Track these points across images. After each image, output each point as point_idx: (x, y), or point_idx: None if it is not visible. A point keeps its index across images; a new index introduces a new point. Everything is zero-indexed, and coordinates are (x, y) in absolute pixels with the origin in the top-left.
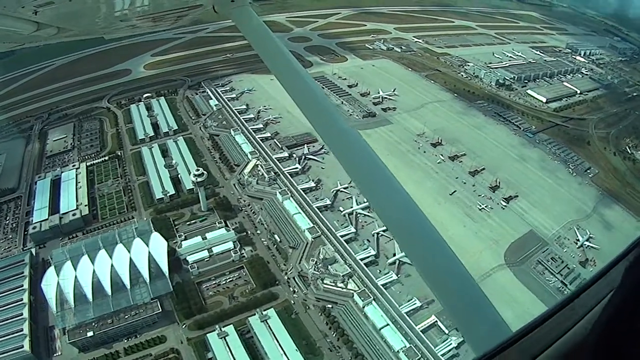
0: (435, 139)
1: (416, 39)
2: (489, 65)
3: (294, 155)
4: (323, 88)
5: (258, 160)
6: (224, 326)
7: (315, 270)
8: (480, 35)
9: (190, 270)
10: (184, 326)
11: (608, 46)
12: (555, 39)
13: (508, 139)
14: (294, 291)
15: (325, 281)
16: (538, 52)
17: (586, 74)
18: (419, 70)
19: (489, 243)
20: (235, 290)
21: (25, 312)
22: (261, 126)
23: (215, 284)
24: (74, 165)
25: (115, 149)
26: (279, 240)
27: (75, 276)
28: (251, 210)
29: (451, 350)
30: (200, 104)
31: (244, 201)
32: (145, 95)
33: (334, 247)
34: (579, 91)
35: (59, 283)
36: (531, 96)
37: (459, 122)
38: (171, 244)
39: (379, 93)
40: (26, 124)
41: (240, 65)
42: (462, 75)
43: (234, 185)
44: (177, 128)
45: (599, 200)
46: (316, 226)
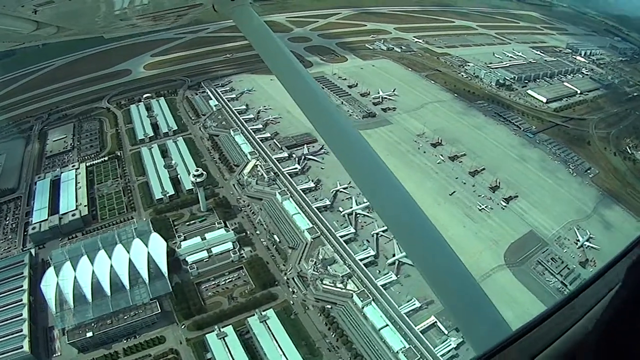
0: (435, 139)
1: (416, 39)
2: (489, 65)
3: (294, 155)
4: (323, 88)
5: (257, 160)
6: (223, 327)
7: (314, 270)
8: (480, 36)
9: (190, 270)
10: (183, 326)
11: (608, 46)
12: (555, 39)
13: (508, 139)
14: (293, 292)
15: (324, 281)
16: (538, 52)
17: (586, 74)
18: (419, 70)
19: (488, 243)
20: (235, 290)
21: (25, 313)
22: (261, 126)
23: (214, 284)
24: (74, 165)
25: (115, 150)
26: (279, 240)
27: (75, 277)
28: (250, 211)
29: (450, 351)
30: (200, 104)
31: (244, 201)
32: (145, 96)
33: (333, 248)
34: (579, 91)
35: (58, 283)
36: (531, 96)
37: (459, 122)
38: (170, 244)
39: (378, 93)
40: (26, 124)
41: (240, 66)
42: (462, 75)
43: (233, 185)
44: (177, 128)
45: (599, 200)
46: (315, 226)
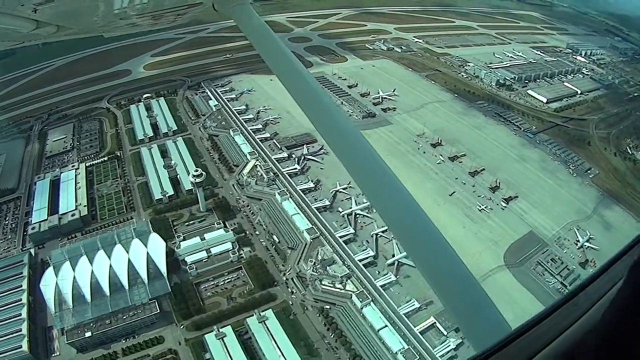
0: (435, 139)
1: (416, 39)
2: (490, 65)
3: (293, 155)
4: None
5: (257, 160)
6: (222, 327)
7: (313, 271)
8: (480, 36)
9: (189, 270)
10: (182, 327)
11: (609, 46)
12: (555, 39)
13: (508, 139)
14: (292, 292)
15: (323, 282)
16: (539, 52)
17: (587, 74)
18: (419, 70)
19: (488, 244)
20: (234, 291)
21: (24, 313)
22: (260, 126)
23: (213, 284)
24: (74, 165)
25: (115, 150)
26: (278, 241)
27: (74, 277)
28: (250, 211)
29: (450, 351)
30: (200, 104)
31: (243, 202)
32: (145, 96)
33: (332, 248)
34: (579, 91)
35: (57, 283)
36: (532, 96)
37: (459, 123)
38: (170, 244)
39: (378, 93)
40: (26, 125)
41: (240, 66)
42: (463, 75)
43: (232, 185)
44: (177, 128)
45: (599, 201)
46: (315, 227)
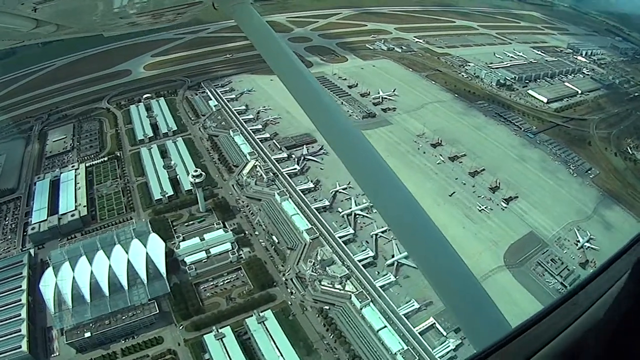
0: (435, 139)
1: (417, 39)
2: (490, 65)
3: (293, 156)
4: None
5: (257, 161)
6: (221, 327)
7: (313, 271)
8: (481, 35)
9: (188, 271)
10: (181, 327)
11: (609, 46)
12: (556, 39)
13: (508, 139)
14: (292, 292)
15: (323, 282)
16: (539, 52)
17: (587, 74)
18: (420, 70)
19: (488, 244)
20: (233, 291)
21: (24, 313)
22: (260, 127)
23: (212, 285)
24: (73, 166)
25: (115, 150)
26: (277, 241)
27: (74, 277)
28: (249, 211)
29: (449, 352)
30: (200, 104)
31: (243, 202)
32: (144, 96)
33: (332, 249)
34: (580, 91)
35: (57, 284)
36: (532, 96)
37: (459, 123)
38: (169, 244)
39: (379, 93)
40: (26, 125)
41: (240, 66)
42: (463, 75)
43: (232, 186)
44: (177, 129)
45: (599, 201)
46: (314, 227)
